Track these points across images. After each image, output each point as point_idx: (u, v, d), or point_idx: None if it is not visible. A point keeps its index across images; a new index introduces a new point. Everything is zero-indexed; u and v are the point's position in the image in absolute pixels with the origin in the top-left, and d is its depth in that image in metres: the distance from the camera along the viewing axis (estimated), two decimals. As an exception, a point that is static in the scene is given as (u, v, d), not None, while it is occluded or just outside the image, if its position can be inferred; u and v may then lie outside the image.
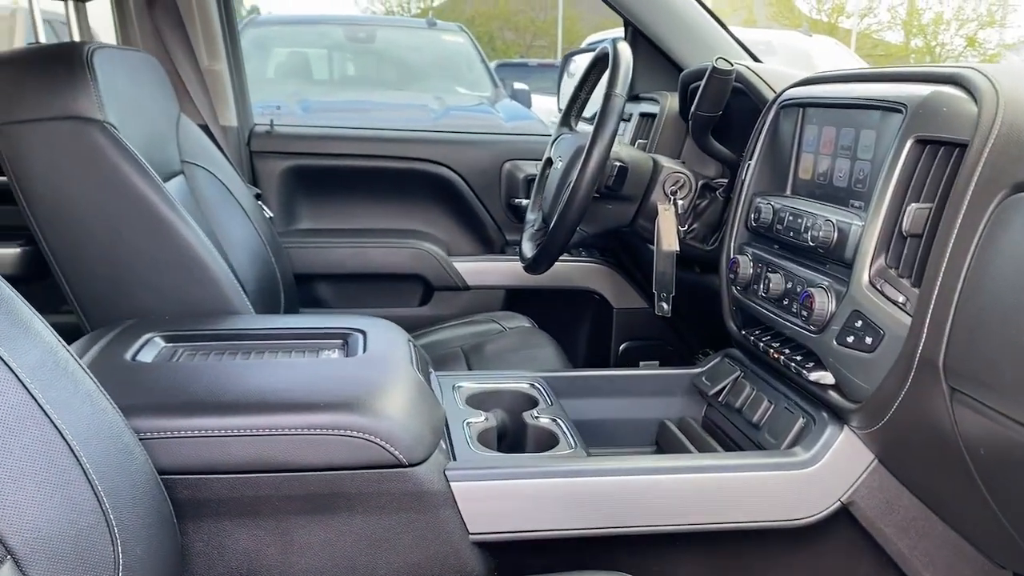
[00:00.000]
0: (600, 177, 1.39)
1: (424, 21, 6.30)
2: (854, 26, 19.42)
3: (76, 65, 1.24)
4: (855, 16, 19.85)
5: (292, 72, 5.73)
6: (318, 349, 1.15)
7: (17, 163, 1.24)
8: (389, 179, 2.14)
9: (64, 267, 1.29)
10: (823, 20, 20.13)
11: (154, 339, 1.13)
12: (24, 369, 0.70)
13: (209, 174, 1.65)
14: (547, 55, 22.67)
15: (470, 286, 2.08)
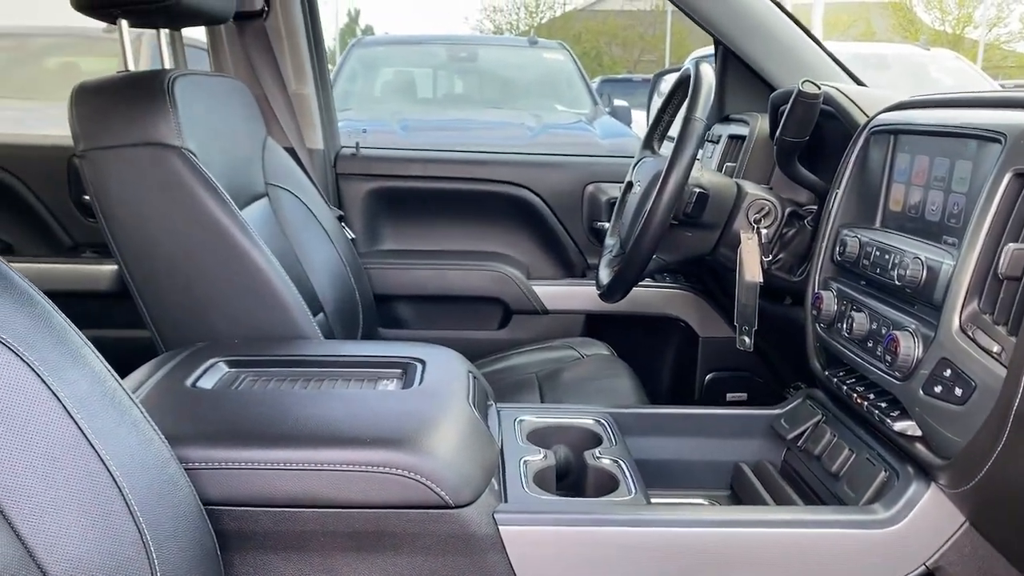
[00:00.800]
0: (677, 204, 1.33)
1: (526, 40, 6.32)
2: (982, 37, 18.42)
3: (157, 93, 1.28)
4: (983, 26, 18.83)
5: (397, 91, 5.87)
6: (377, 378, 1.14)
7: (100, 187, 1.28)
8: (471, 201, 2.13)
9: (141, 288, 1.33)
10: (947, 31, 19.19)
11: (218, 364, 1.15)
12: (71, 399, 0.71)
13: (293, 196, 1.68)
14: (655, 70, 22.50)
15: (549, 310, 2.04)
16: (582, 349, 1.84)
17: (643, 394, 1.63)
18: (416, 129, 4.79)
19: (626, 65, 24.40)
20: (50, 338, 0.72)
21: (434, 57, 6.09)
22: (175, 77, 1.32)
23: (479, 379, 1.20)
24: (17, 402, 0.67)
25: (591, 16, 26.11)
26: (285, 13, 1.84)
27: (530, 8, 26.51)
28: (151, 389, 1.04)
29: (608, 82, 12.38)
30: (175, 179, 1.27)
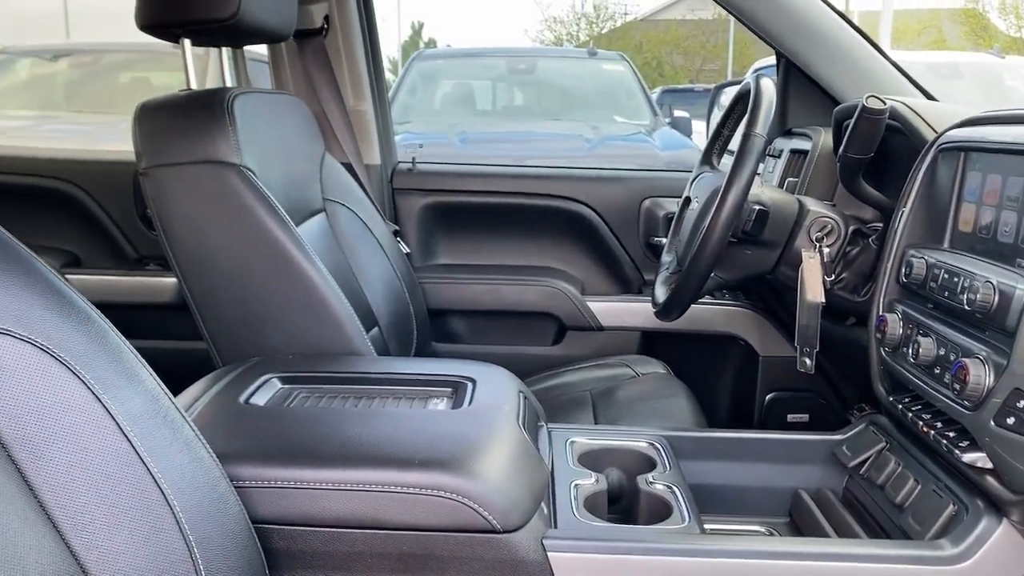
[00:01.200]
0: (736, 221, 1.30)
1: (585, 51, 6.31)
2: (1061, 43, 17.74)
3: (217, 111, 1.30)
4: (1063, 32, 18.15)
5: (457, 103, 5.92)
6: (427, 397, 1.14)
7: (161, 204, 1.31)
8: (526, 216, 2.13)
9: (199, 302, 1.35)
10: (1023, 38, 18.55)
11: (271, 380, 1.16)
12: (125, 417, 0.72)
13: (350, 211, 1.70)
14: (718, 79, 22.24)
15: (604, 327, 2.02)
16: (637, 367, 1.81)
17: (700, 415, 1.60)
18: (475, 141, 4.82)
19: (688, 75, 24.19)
20: (106, 357, 0.73)
21: (493, 69, 6.13)
22: (235, 95, 1.34)
23: (530, 399, 1.19)
24: (74, 420, 0.68)
25: (652, 26, 25.97)
26: (344, 31, 1.87)
27: (590, 19, 26.50)
28: (205, 405, 1.06)
29: (669, 92, 12.30)
30: (233, 196, 1.29)
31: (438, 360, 1.27)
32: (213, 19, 1.30)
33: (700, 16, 22.92)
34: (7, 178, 2.08)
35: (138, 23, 1.34)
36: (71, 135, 4.49)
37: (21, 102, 5.15)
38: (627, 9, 27.13)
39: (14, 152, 2.15)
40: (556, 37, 26.55)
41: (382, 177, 2.03)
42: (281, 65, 1.90)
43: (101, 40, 5.90)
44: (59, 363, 0.69)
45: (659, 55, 24.69)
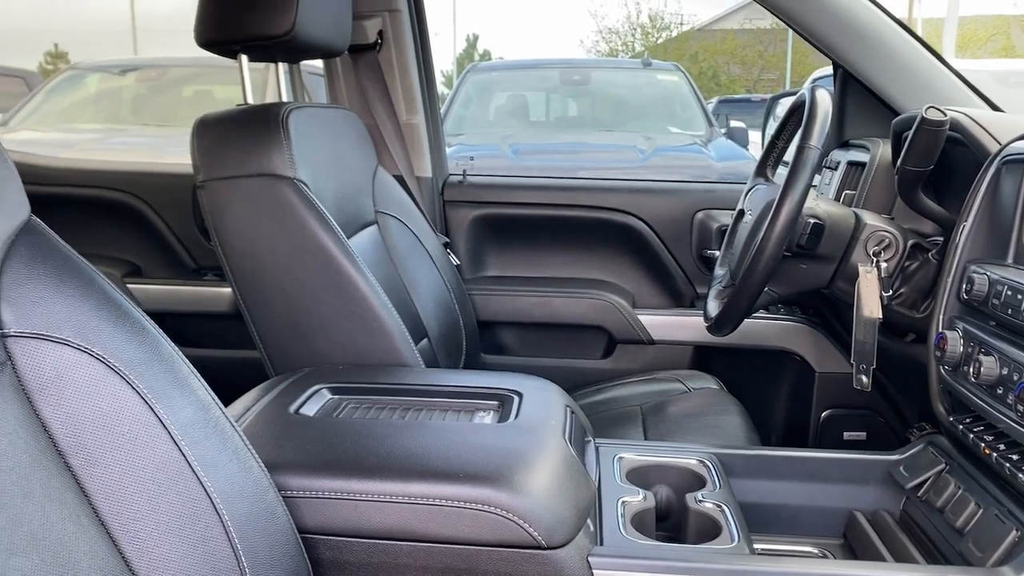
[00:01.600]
0: (791, 235, 1.28)
1: (640, 61, 6.28)
2: None
3: (272, 125, 1.33)
4: None
5: (510, 114, 5.94)
6: (474, 410, 1.14)
7: (217, 216, 1.34)
8: (576, 228, 2.12)
9: (252, 312, 1.38)
10: (1100, 43, 17.91)
11: (321, 390, 1.17)
12: (177, 426, 0.73)
13: (401, 223, 1.71)
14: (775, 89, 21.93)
15: (655, 340, 1.99)
16: (689, 382, 1.78)
17: (753, 432, 1.57)
18: (527, 153, 4.82)
19: (745, 84, 23.92)
20: (159, 367, 0.75)
21: (547, 81, 6.14)
22: (290, 110, 1.37)
23: (577, 413, 1.18)
24: (127, 428, 0.70)
25: (708, 35, 25.75)
26: (397, 46, 1.89)
27: (646, 29, 26.39)
28: (256, 415, 1.07)
29: (725, 102, 12.17)
30: (287, 208, 1.32)
31: (485, 373, 1.27)
32: (269, 35, 1.33)
33: (758, 25, 22.66)
34: (74, 190, 2.15)
35: (197, 40, 1.38)
36: (136, 147, 4.63)
37: (90, 115, 5.33)
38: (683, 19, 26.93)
39: (81, 165, 2.23)
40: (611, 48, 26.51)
41: (433, 189, 2.04)
42: (336, 79, 1.94)
43: (166, 55, 6.08)
44: (114, 372, 0.71)
45: (715, 65, 24.46)
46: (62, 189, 2.13)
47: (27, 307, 0.69)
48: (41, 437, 0.67)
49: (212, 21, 1.35)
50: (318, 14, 1.39)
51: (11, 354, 0.67)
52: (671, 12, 29.86)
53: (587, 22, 51.43)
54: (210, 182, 1.33)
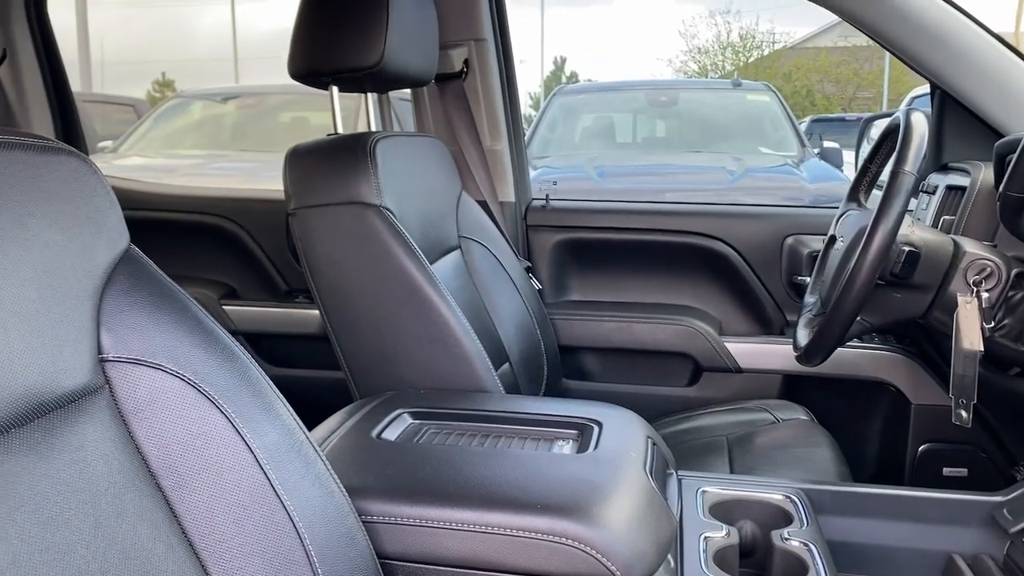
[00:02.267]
0: (884, 263, 1.23)
1: (729, 82, 6.19)
2: None
3: (360, 155, 1.36)
4: None
5: (596, 136, 5.93)
6: (553, 439, 1.13)
7: (306, 242, 1.38)
8: (660, 253, 2.09)
9: (339, 336, 1.41)
10: None
11: (403, 415, 1.19)
12: (262, 450, 0.75)
13: (484, 248, 1.73)
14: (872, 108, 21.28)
15: (743, 369, 1.95)
16: (778, 412, 1.73)
17: (845, 466, 1.51)
18: (613, 175, 4.80)
19: (840, 103, 23.30)
20: (247, 391, 0.77)
21: (634, 102, 6.11)
22: (377, 140, 1.40)
23: (659, 445, 1.16)
24: (216, 452, 0.72)
25: (801, 53, 25.20)
26: (483, 74, 1.91)
27: (736, 48, 26.03)
28: (339, 439, 1.09)
29: (818, 122, 11.86)
30: (373, 235, 1.35)
31: (565, 401, 1.26)
32: (359, 67, 1.37)
33: (853, 42, 22.05)
34: (176, 215, 2.25)
35: (291, 72, 1.43)
36: (235, 172, 4.83)
37: (193, 141, 5.59)
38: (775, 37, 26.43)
39: (182, 191, 2.33)
40: (700, 68, 26.24)
41: (516, 214, 2.06)
42: (422, 107, 1.97)
43: (264, 83, 6.32)
44: (204, 397, 0.73)
45: (809, 83, 23.91)
46: (165, 214, 2.23)
47: (124, 333, 0.72)
48: (135, 459, 0.70)
49: (304, 54, 1.40)
50: (406, 46, 1.43)
51: (109, 378, 0.71)
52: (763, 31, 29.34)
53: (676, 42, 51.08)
54: (301, 210, 1.37)
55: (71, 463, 0.65)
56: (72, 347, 0.68)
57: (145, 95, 21.94)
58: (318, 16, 1.39)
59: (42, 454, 0.64)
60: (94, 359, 0.70)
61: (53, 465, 0.64)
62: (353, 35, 1.36)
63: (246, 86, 7.76)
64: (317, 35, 1.39)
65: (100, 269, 0.72)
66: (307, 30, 1.40)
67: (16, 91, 2.01)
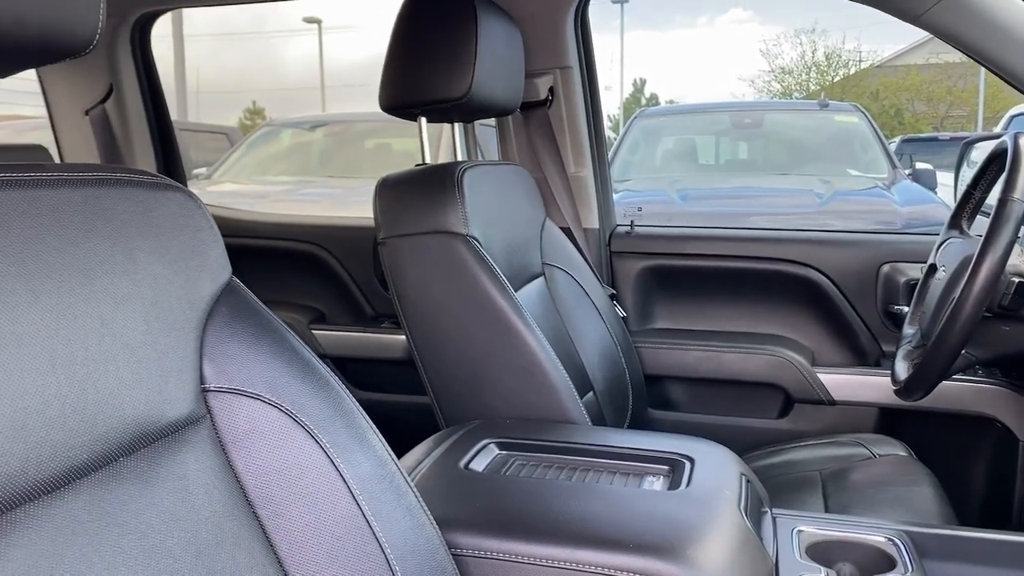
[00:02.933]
0: (991, 295, 1.18)
1: (815, 103, 6.05)
2: None
3: (447, 185, 1.38)
4: None
5: (678, 158, 5.88)
6: (643, 474, 1.11)
7: (395, 270, 1.40)
8: (748, 280, 2.04)
9: (425, 361, 1.42)
10: None
11: (489, 445, 1.18)
12: (356, 481, 0.76)
13: (568, 275, 1.72)
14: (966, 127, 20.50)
15: (836, 401, 1.88)
16: (874, 447, 1.66)
17: (948, 507, 1.44)
18: (696, 198, 4.74)
19: (931, 122, 22.53)
20: (341, 421, 0.78)
21: (717, 124, 6.03)
22: (464, 170, 1.42)
23: (753, 483, 1.13)
24: (311, 482, 0.73)
25: (890, 71, 24.50)
26: (568, 101, 1.92)
27: (821, 68, 25.48)
28: (427, 469, 1.10)
29: (909, 142, 11.47)
30: (459, 264, 1.36)
31: (654, 434, 1.24)
32: (447, 99, 1.39)
33: (945, 59, 21.32)
34: (269, 242, 2.32)
35: (381, 104, 1.46)
36: (323, 198, 4.96)
37: (283, 168, 5.77)
38: (862, 56, 25.77)
39: (273, 219, 2.40)
40: (784, 88, 25.77)
41: (600, 240, 2.04)
42: (507, 134, 1.99)
43: (351, 111, 6.49)
44: (300, 427, 0.74)
45: (898, 102, 23.21)
46: (258, 241, 2.30)
47: (225, 363, 0.74)
48: (233, 488, 0.72)
49: (395, 87, 1.43)
50: (493, 77, 1.44)
51: (210, 408, 0.72)
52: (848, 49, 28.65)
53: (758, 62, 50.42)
54: (390, 239, 1.39)
55: (174, 492, 0.67)
56: (176, 377, 0.70)
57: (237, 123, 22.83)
58: (408, 50, 1.42)
59: (148, 483, 0.66)
60: (196, 389, 0.72)
61: (157, 494, 0.66)
62: (442, 68, 1.38)
63: (332, 114, 7.99)
64: (407, 69, 1.42)
65: (204, 301, 0.74)
66: (397, 64, 1.43)
67: (121, 124, 2.11)
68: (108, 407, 0.63)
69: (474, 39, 1.38)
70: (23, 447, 0.56)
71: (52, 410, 0.59)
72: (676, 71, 49.56)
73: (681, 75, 46.84)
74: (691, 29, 49.62)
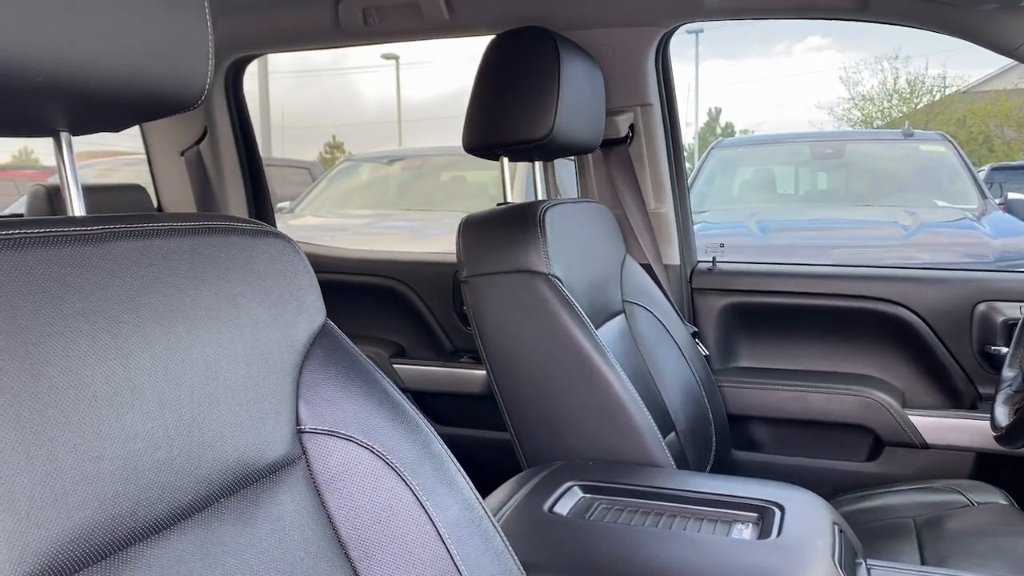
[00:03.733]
0: None
1: (899, 132, 5.89)
2: None
3: (530, 224, 1.39)
4: None
5: (756, 189, 5.78)
6: (731, 521, 1.08)
7: (477, 308, 1.41)
8: (836, 318, 1.98)
9: (505, 398, 1.43)
10: None
11: (573, 488, 1.18)
12: (444, 524, 0.76)
13: (648, 313, 1.71)
14: (1061, 153, 19.65)
15: (929, 444, 1.80)
16: (972, 494, 1.59)
17: (1055, 560, 1.36)
18: (776, 230, 4.65)
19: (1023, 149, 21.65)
20: (430, 465, 0.79)
21: (796, 154, 5.92)
22: (546, 209, 1.42)
23: (846, 532, 1.09)
24: (401, 525, 0.74)
25: (977, 97, 23.69)
26: (648, 138, 1.91)
27: (904, 95, 24.82)
28: (511, 511, 1.09)
29: (999, 170, 11.03)
30: (541, 303, 1.36)
31: (742, 479, 1.21)
32: (529, 139, 1.41)
33: (1035, 83, 20.52)
34: (350, 277, 2.37)
35: (465, 146, 1.48)
36: (401, 231, 5.05)
37: (362, 201, 5.90)
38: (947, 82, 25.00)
39: (356, 255, 2.45)
40: (864, 116, 25.18)
41: (681, 277, 2.02)
42: (587, 172, 1.99)
43: (426, 144, 6.63)
44: (391, 469, 0.75)
45: (987, 129, 22.40)
46: (340, 276, 2.35)
47: (320, 405, 0.75)
48: (327, 529, 0.73)
49: (478, 129, 1.45)
50: (574, 117, 1.45)
51: (305, 449, 0.74)
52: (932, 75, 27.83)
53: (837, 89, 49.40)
54: (472, 278, 1.41)
55: (271, 533, 0.68)
56: (274, 419, 0.72)
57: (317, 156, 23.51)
58: (492, 92, 1.44)
59: (247, 523, 0.67)
60: (293, 430, 0.73)
61: (256, 535, 0.67)
62: (525, 110, 1.40)
63: (409, 148, 8.15)
64: (491, 111, 1.44)
65: (300, 344, 0.76)
66: (481, 106, 1.45)
67: (214, 165, 2.19)
68: (212, 449, 0.65)
69: (556, 81, 1.39)
70: (134, 488, 0.58)
71: (161, 453, 0.61)
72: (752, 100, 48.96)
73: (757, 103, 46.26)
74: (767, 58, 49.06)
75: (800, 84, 47.09)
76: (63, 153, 0.70)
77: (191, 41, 0.67)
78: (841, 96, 45.69)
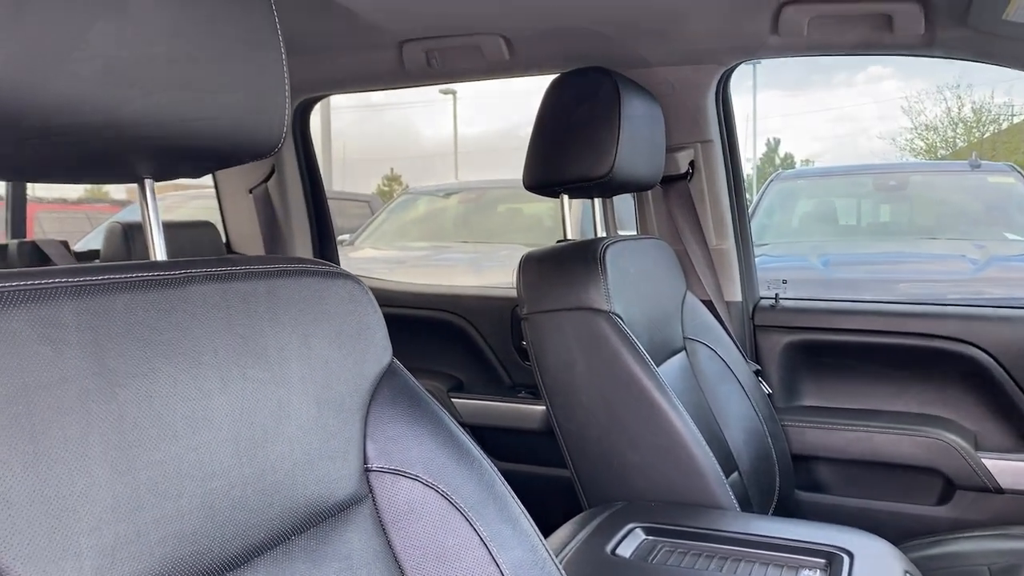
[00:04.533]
0: None
1: (966, 163, 5.75)
2: None
3: (590, 261, 1.39)
4: None
5: (817, 221, 5.69)
6: (798, 567, 1.06)
7: (537, 344, 1.42)
8: (904, 357, 1.93)
9: (566, 437, 1.42)
10: None
11: (636, 530, 1.16)
12: (509, 567, 0.76)
13: (710, 350, 1.69)
14: None
15: (1004, 489, 1.74)
16: (1051, 543, 1.52)
17: None
18: (839, 264, 4.56)
19: (1096, 178, 20.90)
20: (494, 506, 0.79)
21: (858, 186, 5.82)
22: (607, 246, 1.43)
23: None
24: (467, 567, 0.74)
25: (1050, 124, 22.99)
26: (708, 174, 1.91)
27: (969, 124, 24.23)
28: (573, 552, 1.09)
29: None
30: (602, 340, 1.36)
31: (807, 523, 1.18)
32: (590, 177, 1.42)
33: (1111, 110, 19.84)
34: (409, 311, 2.40)
35: (525, 183, 1.50)
36: (458, 263, 5.10)
37: (419, 234, 5.98)
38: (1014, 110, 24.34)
39: (415, 289, 2.48)
40: (927, 145, 24.63)
41: (743, 314, 2.00)
42: (647, 208, 1.99)
43: (482, 177, 6.70)
44: (456, 510, 0.76)
45: (1060, 156, 21.70)
46: (399, 310, 2.38)
47: (387, 444, 0.77)
48: (393, 569, 0.74)
49: (539, 167, 1.47)
50: (635, 155, 1.46)
51: (372, 488, 0.75)
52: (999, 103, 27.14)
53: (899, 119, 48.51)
54: (533, 315, 1.42)
55: (340, 572, 0.69)
56: (343, 458, 0.73)
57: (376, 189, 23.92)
58: (552, 131, 1.46)
59: (316, 562, 0.68)
60: (360, 469, 0.75)
61: (325, 573, 0.68)
62: (586, 149, 1.41)
63: (466, 182, 8.25)
64: (551, 149, 1.45)
65: (368, 383, 0.77)
66: (542, 145, 1.47)
67: (281, 202, 2.25)
68: (284, 487, 0.67)
69: (617, 119, 1.40)
70: (211, 526, 0.60)
71: (236, 491, 0.63)
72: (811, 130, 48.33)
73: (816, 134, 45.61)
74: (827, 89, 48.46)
75: (861, 113, 46.30)
76: (147, 199, 0.74)
77: (269, 91, 0.70)
78: (903, 126, 44.82)
